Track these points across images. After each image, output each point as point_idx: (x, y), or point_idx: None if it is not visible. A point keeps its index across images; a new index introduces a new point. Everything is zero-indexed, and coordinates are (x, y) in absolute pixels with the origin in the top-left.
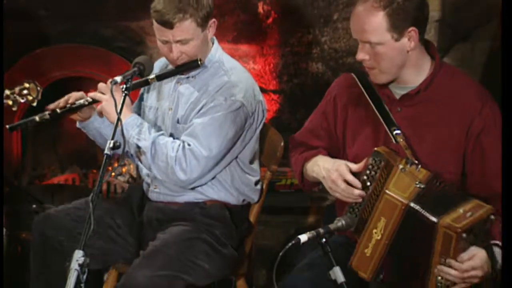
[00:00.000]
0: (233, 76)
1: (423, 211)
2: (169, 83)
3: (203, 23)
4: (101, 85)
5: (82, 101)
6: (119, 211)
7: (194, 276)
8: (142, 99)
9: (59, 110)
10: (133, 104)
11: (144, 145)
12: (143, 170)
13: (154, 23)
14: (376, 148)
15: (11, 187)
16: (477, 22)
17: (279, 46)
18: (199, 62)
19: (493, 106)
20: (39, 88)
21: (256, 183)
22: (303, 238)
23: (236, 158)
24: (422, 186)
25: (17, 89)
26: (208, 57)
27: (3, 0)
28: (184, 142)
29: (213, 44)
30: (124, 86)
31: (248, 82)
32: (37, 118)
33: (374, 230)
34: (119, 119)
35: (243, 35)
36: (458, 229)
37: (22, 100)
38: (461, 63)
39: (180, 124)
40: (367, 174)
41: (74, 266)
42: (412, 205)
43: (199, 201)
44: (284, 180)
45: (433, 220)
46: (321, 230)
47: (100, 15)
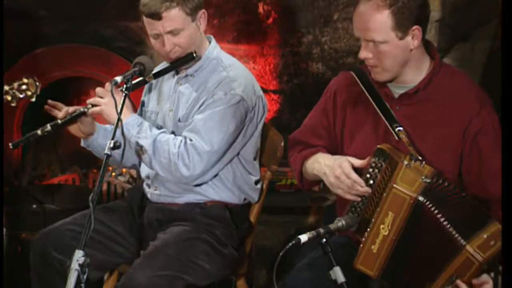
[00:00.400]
0: (232, 71)
1: (454, 232)
2: (169, 84)
3: (192, 13)
4: (99, 89)
5: (82, 108)
6: (119, 217)
7: (195, 276)
8: (143, 105)
9: (60, 121)
10: (136, 110)
11: (145, 143)
12: (143, 172)
13: (144, 18)
14: (379, 146)
15: (11, 187)
16: (477, 22)
17: (279, 46)
18: (194, 55)
19: (491, 109)
20: (37, 84)
21: (256, 183)
22: (303, 238)
23: (238, 154)
24: (428, 181)
25: (15, 84)
26: (205, 54)
27: (3, 0)
28: (185, 138)
29: (210, 42)
30: (124, 86)
31: (248, 77)
32: (39, 132)
33: (382, 226)
34: (119, 119)
35: (243, 35)
36: (483, 259)
37: (21, 96)
38: (461, 63)
39: (181, 122)
40: (370, 172)
41: (74, 266)
42: (420, 198)
43: (200, 201)
44: (284, 180)
45: (461, 243)
46: (321, 230)
47: (100, 15)
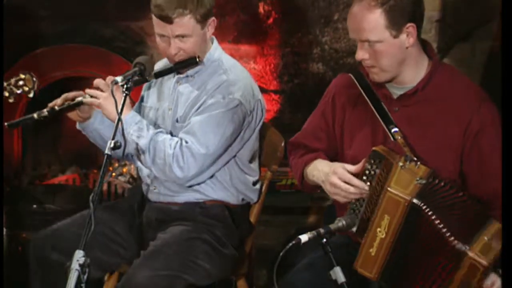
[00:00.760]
0: (231, 74)
1: (452, 239)
2: (168, 83)
3: (202, 21)
4: (99, 81)
5: (80, 98)
6: (120, 217)
7: (195, 276)
8: (142, 100)
9: (57, 108)
10: (133, 106)
11: (143, 143)
12: (143, 171)
13: (154, 17)
14: (374, 148)
15: (11, 187)
16: (477, 22)
17: (280, 46)
18: (197, 60)
19: (491, 106)
20: (34, 79)
21: (254, 183)
22: (304, 238)
23: (234, 157)
24: (423, 182)
25: (13, 80)
26: (207, 56)
27: (3, 0)
28: (182, 139)
29: (212, 43)
30: (125, 86)
31: (247, 80)
32: (35, 115)
33: (378, 229)
34: (119, 120)
35: (243, 35)
36: (488, 263)
37: (18, 91)
38: (461, 63)
39: (179, 123)
40: (366, 174)
41: (75, 266)
42: (415, 201)
43: (199, 201)
44: (284, 180)
45: (462, 249)
46: (321, 230)
47: (100, 15)
